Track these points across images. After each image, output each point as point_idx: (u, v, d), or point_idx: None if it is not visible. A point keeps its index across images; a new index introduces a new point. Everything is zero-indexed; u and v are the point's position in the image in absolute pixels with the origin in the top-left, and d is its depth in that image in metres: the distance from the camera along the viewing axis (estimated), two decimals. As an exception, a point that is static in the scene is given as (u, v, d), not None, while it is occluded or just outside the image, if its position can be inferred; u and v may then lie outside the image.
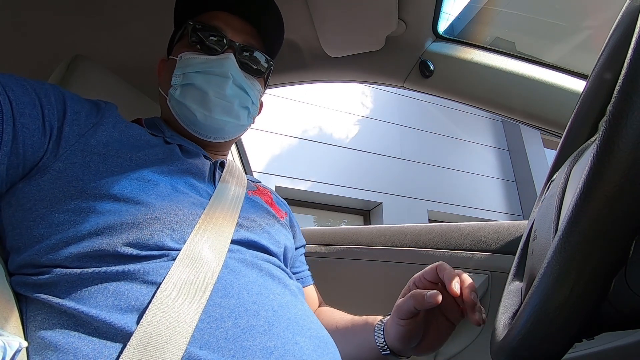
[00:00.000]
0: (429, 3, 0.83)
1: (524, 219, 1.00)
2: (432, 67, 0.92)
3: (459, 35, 0.97)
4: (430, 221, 4.63)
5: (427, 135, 5.13)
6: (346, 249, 0.98)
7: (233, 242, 0.50)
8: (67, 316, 0.40)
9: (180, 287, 0.41)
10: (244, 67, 0.64)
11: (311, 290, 0.75)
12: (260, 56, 0.67)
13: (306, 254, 0.80)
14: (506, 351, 0.30)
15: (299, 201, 4.20)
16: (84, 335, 0.38)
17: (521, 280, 0.42)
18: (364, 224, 4.55)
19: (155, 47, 0.97)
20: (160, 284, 0.41)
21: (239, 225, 0.53)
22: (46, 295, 0.42)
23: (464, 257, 0.83)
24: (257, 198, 0.65)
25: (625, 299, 0.24)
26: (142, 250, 0.44)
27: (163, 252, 0.44)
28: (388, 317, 0.58)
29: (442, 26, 0.91)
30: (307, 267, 0.77)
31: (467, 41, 0.93)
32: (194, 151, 0.62)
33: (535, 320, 0.26)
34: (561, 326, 0.25)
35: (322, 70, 0.92)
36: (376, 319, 0.61)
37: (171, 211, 0.48)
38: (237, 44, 0.63)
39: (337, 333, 0.63)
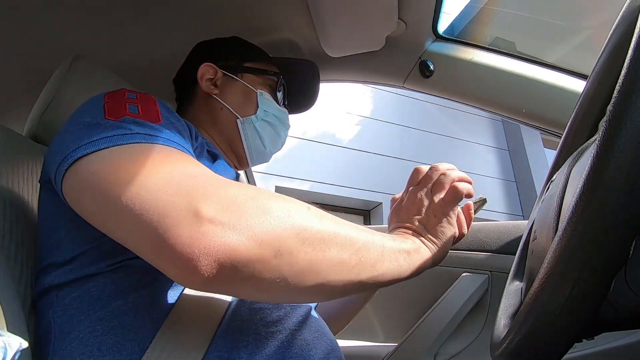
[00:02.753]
0: (429, 3, 0.82)
1: (524, 219, 1.00)
2: (432, 67, 0.92)
3: (459, 35, 0.97)
4: (430, 221, 4.61)
5: (427, 135, 5.13)
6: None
7: None
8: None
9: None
10: None
11: None
12: None
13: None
14: (506, 351, 0.30)
15: (299, 201, 4.19)
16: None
17: (521, 280, 0.42)
18: (364, 224, 4.55)
19: (155, 46, 0.97)
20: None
21: None
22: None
23: (464, 257, 0.83)
24: None
25: (625, 299, 0.24)
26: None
27: None
28: None
29: (442, 26, 0.91)
30: None
31: (467, 41, 0.93)
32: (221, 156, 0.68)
33: (535, 320, 0.26)
34: (561, 326, 0.25)
35: (322, 70, 0.92)
36: None
37: None
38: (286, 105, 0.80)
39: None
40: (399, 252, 0.44)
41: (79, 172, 0.38)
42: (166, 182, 0.34)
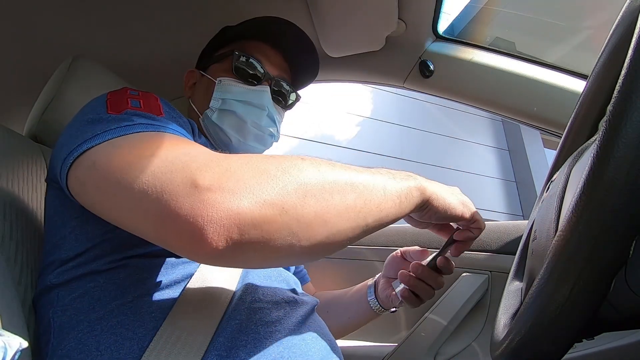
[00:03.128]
0: (429, 3, 0.82)
1: (524, 219, 1.00)
2: (432, 67, 0.92)
3: (459, 35, 0.97)
4: (430, 221, 4.61)
5: (427, 135, 5.13)
6: (346, 249, 0.98)
7: None
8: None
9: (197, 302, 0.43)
10: (276, 100, 0.69)
11: (310, 286, 0.82)
12: (290, 91, 0.72)
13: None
14: (506, 351, 0.30)
15: (299, 201, 4.19)
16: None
17: (521, 280, 0.42)
18: (364, 224, 4.53)
19: (155, 46, 0.97)
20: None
21: None
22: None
23: (464, 257, 0.83)
24: None
25: (625, 299, 0.24)
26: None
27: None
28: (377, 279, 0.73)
29: (442, 26, 0.91)
30: (303, 265, 0.83)
31: (467, 41, 0.93)
32: None
33: (535, 321, 0.26)
34: (561, 326, 0.25)
35: (322, 70, 0.92)
36: (366, 284, 0.75)
37: None
38: (273, 77, 0.68)
39: (339, 298, 0.76)
40: (400, 190, 0.43)
41: (83, 164, 0.38)
42: (162, 161, 0.34)
